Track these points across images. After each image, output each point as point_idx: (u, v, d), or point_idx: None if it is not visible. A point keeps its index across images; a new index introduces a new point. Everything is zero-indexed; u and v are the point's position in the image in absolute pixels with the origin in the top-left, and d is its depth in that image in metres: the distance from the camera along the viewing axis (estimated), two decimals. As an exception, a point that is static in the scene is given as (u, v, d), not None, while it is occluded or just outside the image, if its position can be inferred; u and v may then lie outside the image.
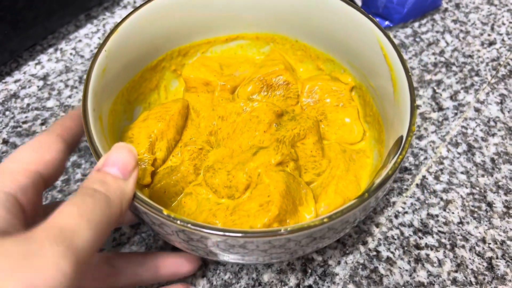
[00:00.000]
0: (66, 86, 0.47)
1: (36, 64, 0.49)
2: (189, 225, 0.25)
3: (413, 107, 0.30)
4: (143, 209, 0.26)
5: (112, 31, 0.33)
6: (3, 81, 0.47)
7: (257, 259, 0.29)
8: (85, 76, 0.47)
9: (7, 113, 0.45)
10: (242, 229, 0.25)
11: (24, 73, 0.48)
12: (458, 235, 0.38)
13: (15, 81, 0.47)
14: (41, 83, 0.47)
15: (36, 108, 0.45)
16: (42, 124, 0.44)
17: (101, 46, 0.32)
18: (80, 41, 0.51)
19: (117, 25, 0.34)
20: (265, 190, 0.31)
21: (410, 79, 0.31)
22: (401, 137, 0.29)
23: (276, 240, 0.25)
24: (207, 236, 0.25)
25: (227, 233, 0.24)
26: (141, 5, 0.35)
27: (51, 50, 0.50)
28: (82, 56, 0.49)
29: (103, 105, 0.32)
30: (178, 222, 0.25)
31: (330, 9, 0.37)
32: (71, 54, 0.50)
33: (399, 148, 0.28)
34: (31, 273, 0.17)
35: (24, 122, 0.44)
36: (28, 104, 0.45)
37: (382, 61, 0.34)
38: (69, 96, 0.46)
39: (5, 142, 0.43)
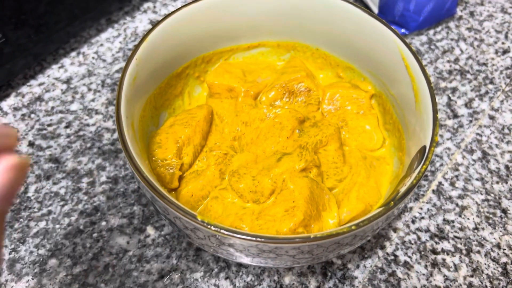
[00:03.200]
0: (89, 89, 0.48)
1: (60, 67, 0.50)
2: (222, 231, 0.26)
3: (435, 117, 0.31)
4: (176, 213, 0.27)
5: (142, 40, 0.34)
6: (28, 84, 0.49)
7: (284, 263, 0.30)
8: (107, 80, 0.48)
9: (32, 115, 0.46)
10: (274, 236, 0.26)
11: (48, 76, 0.49)
12: (474, 241, 0.39)
13: (40, 84, 0.48)
14: (64, 86, 0.48)
15: (61, 111, 0.46)
16: (66, 127, 0.45)
17: (131, 55, 0.33)
18: (101, 45, 0.52)
19: (147, 34, 0.35)
20: (290, 195, 0.32)
21: (432, 89, 0.32)
22: (424, 147, 0.30)
23: (305, 246, 0.27)
24: (239, 242, 0.26)
25: (259, 239, 0.26)
26: (168, 15, 0.36)
27: (73, 54, 0.51)
28: (104, 60, 0.51)
29: (134, 112, 0.33)
30: (212, 227, 0.26)
31: (352, 18, 0.38)
32: (93, 58, 0.51)
33: (422, 158, 0.29)
34: None
35: (49, 125, 0.45)
36: (53, 107, 0.47)
37: (403, 71, 0.35)
38: (92, 100, 0.47)
39: (31, 144, 0.44)
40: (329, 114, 0.39)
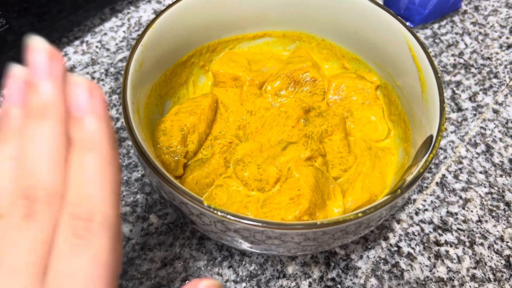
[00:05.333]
0: (93, 78, 0.48)
1: (63, 56, 0.50)
2: (229, 216, 0.26)
3: (442, 107, 0.31)
4: (182, 199, 0.27)
5: (148, 26, 0.34)
6: (31, 72, 0.48)
7: (288, 250, 0.30)
8: (111, 69, 0.48)
9: (35, 103, 0.46)
10: (281, 221, 0.26)
11: (63, 55, 0.49)
12: (477, 233, 0.39)
13: (43, 72, 0.48)
14: (67, 74, 0.48)
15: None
16: (69, 115, 0.45)
17: (137, 41, 0.33)
18: (105, 34, 0.52)
19: (153, 20, 0.35)
20: (295, 184, 0.32)
21: (439, 80, 0.32)
22: (431, 136, 0.30)
23: (311, 233, 0.26)
24: (246, 227, 0.26)
25: (265, 224, 0.25)
26: (175, 2, 0.36)
27: (77, 42, 0.51)
28: (107, 49, 0.50)
29: (140, 99, 0.33)
30: (219, 213, 0.26)
31: (358, 9, 0.37)
32: (96, 47, 0.51)
33: (429, 147, 0.29)
34: None
35: (52, 113, 0.45)
36: (56, 95, 0.46)
37: (410, 61, 0.35)
38: (96, 88, 0.47)
39: (34, 132, 0.44)
40: (334, 104, 0.39)
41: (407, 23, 0.52)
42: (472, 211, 0.40)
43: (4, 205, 0.18)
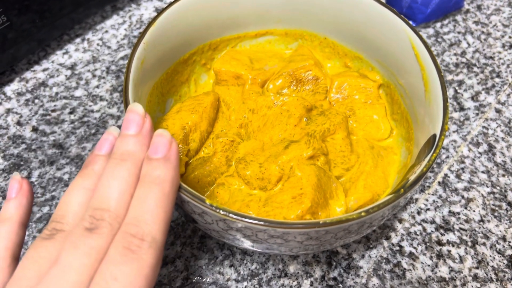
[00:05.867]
0: (94, 76, 0.48)
1: (64, 53, 0.50)
2: (231, 215, 0.26)
3: (446, 106, 0.30)
4: (185, 197, 0.27)
5: (150, 24, 0.34)
6: (32, 69, 0.48)
7: (290, 249, 0.30)
8: (112, 67, 0.48)
9: (36, 101, 0.46)
10: (283, 220, 0.26)
11: (52, 62, 0.49)
12: (479, 233, 0.39)
13: (43, 70, 0.48)
14: (68, 72, 0.48)
15: (65, 97, 0.46)
16: (70, 113, 0.45)
17: (139, 39, 0.33)
18: (106, 32, 0.52)
19: (154, 18, 0.34)
20: (298, 182, 0.32)
21: (443, 78, 0.32)
22: (434, 135, 0.30)
23: (314, 232, 0.26)
24: (248, 226, 0.26)
25: (268, 223, 0.25)
26: (176, 0, 0.36)
27: (78, 40, 0.51)
28: (109, 47, 0.50)
29: (141, 97, 0.33)
30: (221, 211, 0.26)
31: (361, 7, 0.37)
32: (98, 44, 0.50)
33: (432, 146, 0.29)
34: None
35: (53, 111, 0.45)
36: (57, 93, 0.46)
37: (413, 60, 0.34)
38: (97, 86, 0.47)
39: (34, 129, 0.44)
40: (336, 103, 0.39)
41: (409, 22, 0.52)
42: (474, 211, 0.40)
43: (67, 222, 0.23)
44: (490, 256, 0.38)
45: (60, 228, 0.22)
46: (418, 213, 0.40)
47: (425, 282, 0.36)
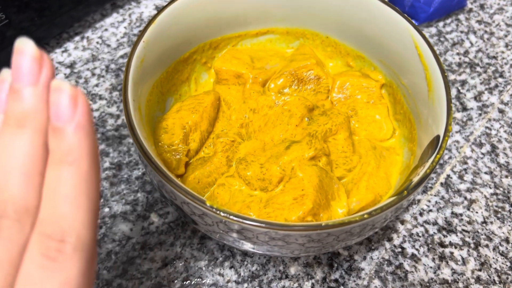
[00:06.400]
0: (93, 74, 0.47)
1: (63, 51, 0.49)
2: (231, 217, 0.25)
3: (450, 107, 0.30)
4: (184, 198, 0.26)
5: (150, 22, 0.34)
6: (31, 67, 0.48)
7: (291, 252, 0.29)
8: (111, 65, 0.48)
9: (35, 99, 0.45)
10: (285, 222, 0.25)
11: (51, 60, 0.48)
12: (482, 235, 0.39)
13: (42, 68, 0.48)
14: (68, 71, 0.47)
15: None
16: (69, 111, 0.44)
17: (139, 37, 0.33)
18: (106, 30, 0.51)
19: (155, 16, 0.34)
20: (299, 183, 0.31)
21: (446, 79, 0.31)
22: (438, 136, 0.29)
23: (316, 234, 0.26)
24: (249, 228, 0.25)
25: (269, 226, 0.25)
26: (177, -3, 0.35)
27: (77, 38, 0.50)
28: (108, 45, 0.50)
29: (141, 96, 0.32)
30: (221, 213, 0.25)
31: (363, 6, 0.37)
32: (97, 43, 0.50)
33: (436, 147, 0.29)
34: None
35: (52, 109, 0.44)
36: (56, 92, 0.46)
37: (416, 60, 0.34)
38: (96, 85, 0.46)
39: (33, 128, 0.43)
40: (338, 102, 0.39)
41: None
42: (477, 212, 0.40)
43: None
44: (493, 258, 0.38)
45: None
46: (421, 214, 0.40)
47: (428, 284, 0.36)
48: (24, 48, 0.18)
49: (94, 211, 0.18)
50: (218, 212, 0.25)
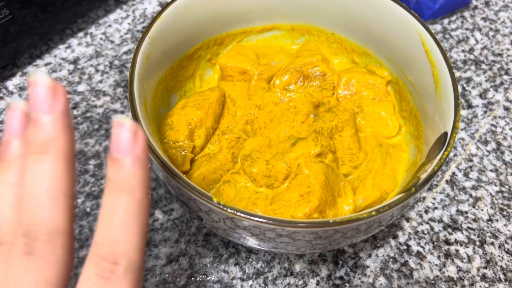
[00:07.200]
0: (97, 71, 0.47)
1: (67, 48, 0.49)
2: (239, 213, 0.25)
3: (457, 104, 0.30)
4: (191, 195, 0.26)
5: (155, 18, 0.33)
6: (34, 63, 0.48)
7: (297, 249, 0.29)
8: (115, 62, 0.47)
9: (38, 96, 0.45)
10: (292, 219, 0.25)
11: (55, 56, 0.48)
12: (487, 232, 0.39)
13: (46, 64, 0.47)
14: (71, 67, 0.47)
15: (67, 92, 0.45)
16: (73, 108, 0.44)
17: (144, 33, 0.32)
18: (109, 26, 0.51)
19: (160, 12, 0.34)
20: (305, 180, 0.31)
21: (453, 75, 0.31)
22: (445, 133, 0.29)
23: (323, 231, 0.26)
24: (256, 225, 0.25)
25: (276, 222, 0.25)
26: (183, -7, 0.35)
27: (81, 34, 0.50)
28: (112, 42, 0.49)
29: (147, 92, 0.32)
30: (228, 210, 0.25)
31: (369, 1, 0.37)
32: (101, 39, 0.50)
33: (443, 144, 0.29)
34: None
35: (56, 106, 0.44)
36: (59, 88, 0.46)
37: (423, 56, 0.34)
38: (100, 81, 0.46)
39: (37, 124, 0.43)
40: (344, 99, 0.38)
41: (417, 18, 0.51)
42: (482, 210, 0.40)
43: (4, 232, 0.19)
44: (499, 256, 0.37)
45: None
46: (426, 211, 0.39)
47: (433, 281, 0.36)
48: (39, 79, 0.19)
49: (144, 236, 0.19)
50: (225, 208, 0.25)
